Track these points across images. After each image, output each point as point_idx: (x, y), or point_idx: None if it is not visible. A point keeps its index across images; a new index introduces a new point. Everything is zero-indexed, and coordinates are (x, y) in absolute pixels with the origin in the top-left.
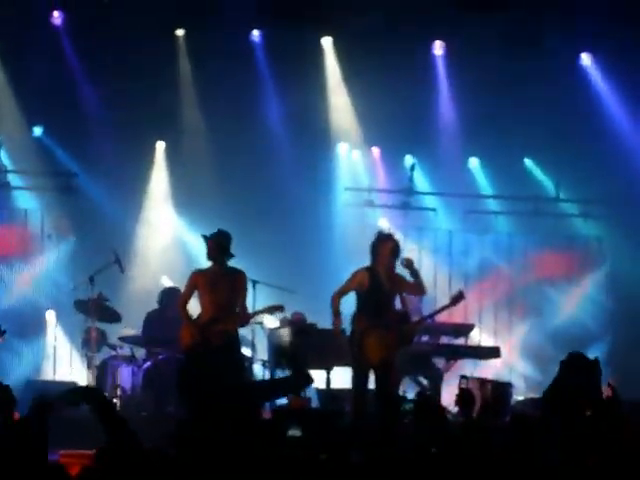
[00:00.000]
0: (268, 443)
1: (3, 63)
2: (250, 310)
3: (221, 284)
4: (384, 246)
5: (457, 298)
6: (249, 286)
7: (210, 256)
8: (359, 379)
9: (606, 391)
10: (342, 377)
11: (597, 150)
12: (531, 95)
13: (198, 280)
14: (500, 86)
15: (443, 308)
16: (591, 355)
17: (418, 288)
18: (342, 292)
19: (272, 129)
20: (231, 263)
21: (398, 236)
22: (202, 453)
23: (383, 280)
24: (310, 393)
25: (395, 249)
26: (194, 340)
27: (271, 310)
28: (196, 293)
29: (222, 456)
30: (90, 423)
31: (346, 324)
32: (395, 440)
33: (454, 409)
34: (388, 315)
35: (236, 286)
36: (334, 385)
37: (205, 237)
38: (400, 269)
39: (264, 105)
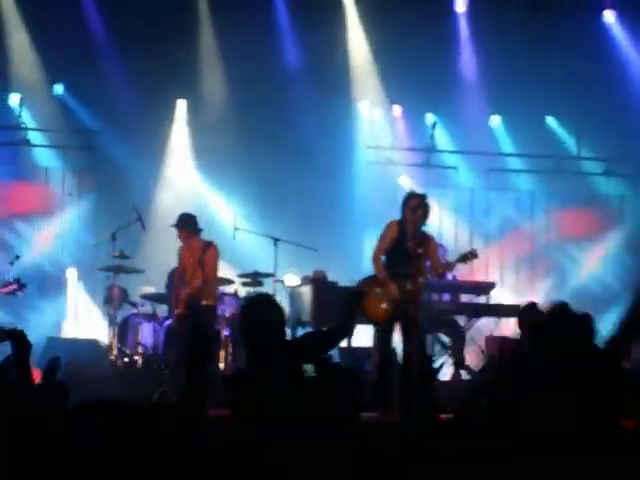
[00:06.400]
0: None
1: (25, 21)
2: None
3: (195, 254)
4: (409, 202)
5: (466, 256)
6: (270, 244)
7: (182, 239)
8: (378, 335)
9: None
10: (365, 336)
11: (619, 108)
12: (553, 52)
13: (183, 251)
14: (522, 43)
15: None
16: (614, 314)
17: (439, 267)
18: (381, 249)
19: (293, 87)
20: (261, 223)
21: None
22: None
23: (409, 235)
24: (332, 351)
25: (419, 206)
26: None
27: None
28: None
29: None
30: None
31: None
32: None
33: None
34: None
35: (203, 257)
36: (356, 343)
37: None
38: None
39: (285, 62)
